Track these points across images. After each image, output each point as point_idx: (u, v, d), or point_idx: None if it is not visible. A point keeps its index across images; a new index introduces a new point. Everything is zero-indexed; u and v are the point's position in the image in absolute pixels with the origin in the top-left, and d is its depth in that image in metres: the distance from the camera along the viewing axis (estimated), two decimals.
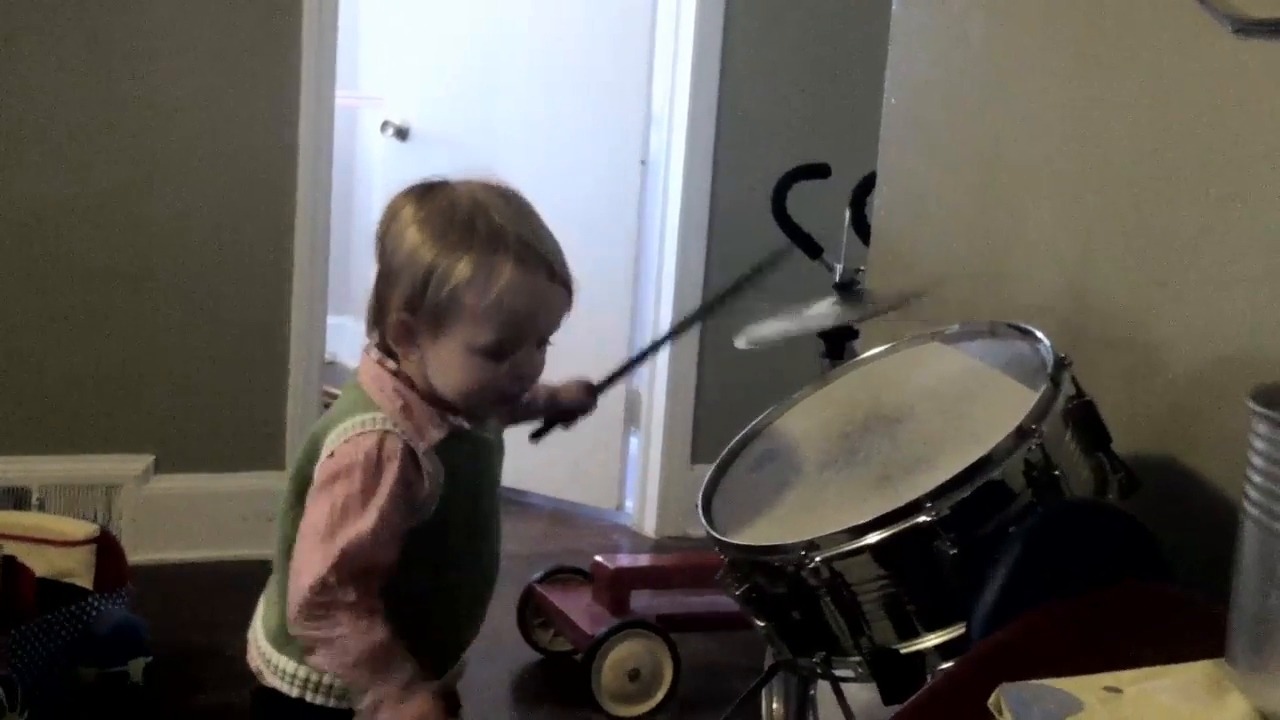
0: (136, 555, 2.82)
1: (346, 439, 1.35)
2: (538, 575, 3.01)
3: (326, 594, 1.32)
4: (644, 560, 3.40)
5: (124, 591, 2.68)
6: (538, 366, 1.42)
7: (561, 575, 3.03)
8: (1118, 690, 0.94)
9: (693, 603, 2.96)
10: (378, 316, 1.41)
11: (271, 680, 1.44)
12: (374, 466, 1.33)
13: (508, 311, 1.35)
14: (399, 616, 1.38)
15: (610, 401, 4.01)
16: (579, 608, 2.86)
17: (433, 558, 1.42)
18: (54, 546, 2.59)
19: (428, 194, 1.39)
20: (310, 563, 1.33)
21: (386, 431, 1.35)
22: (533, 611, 2.97)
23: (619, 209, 4.08)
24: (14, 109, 3.26)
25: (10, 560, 2.42)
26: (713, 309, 1.64)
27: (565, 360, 1.62)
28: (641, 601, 2.90)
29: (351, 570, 1.32)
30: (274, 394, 3.58)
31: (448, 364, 1.37)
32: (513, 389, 1.42)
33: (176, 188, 3.42)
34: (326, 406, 3.64)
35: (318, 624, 1.34)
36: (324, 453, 1.37)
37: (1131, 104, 1.94)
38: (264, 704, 1.48)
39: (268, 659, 1.44)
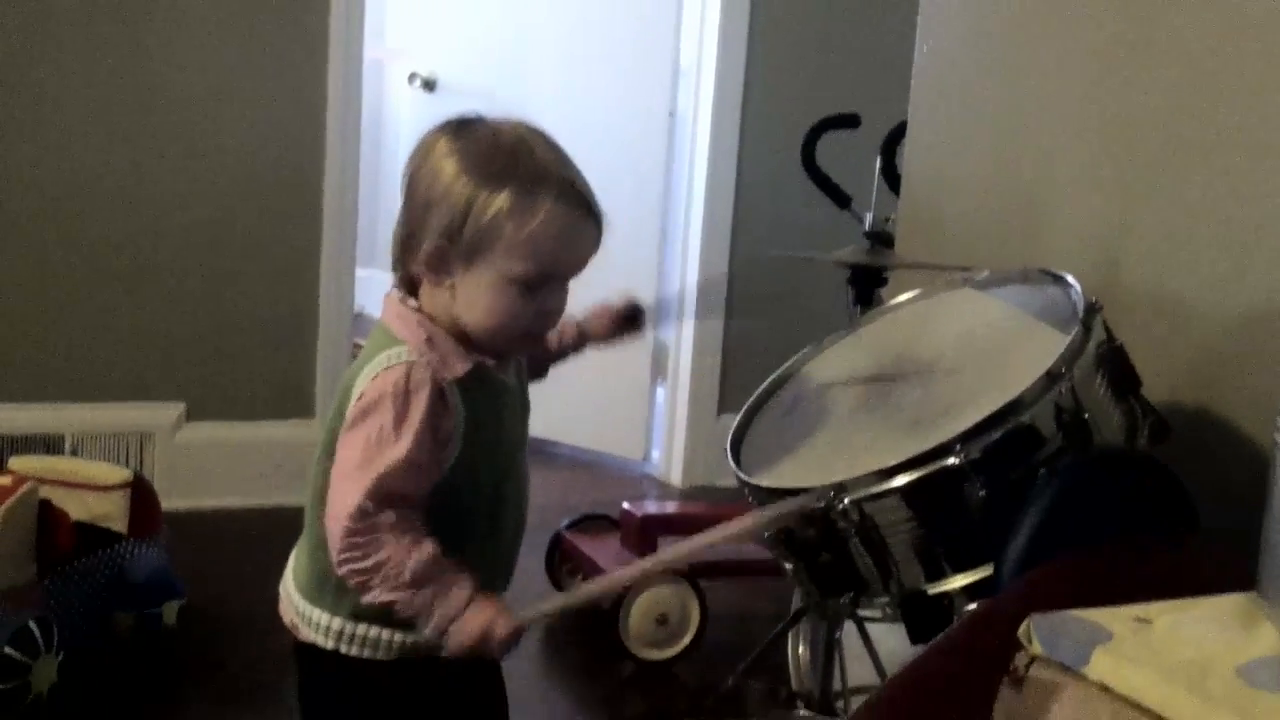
0: (168, 502, 2.84)
1: (374, 376, 1.36)
2: (566, 523, 3.04)
3: (366, 520, 1.32)
4: (671, 507, 3.42)
5: (158, 536, 2.71)
6: (562, 304, 1.43)
7: (590, 523, 3.05)
8: (1147, 621, 0.95)
9: (720, 550, 2.97)
10: (405, 251, 1.42)
11: (306, 633, 1.44)
12: (403, 396, 1.34)
13: (545, 244, 1.36)
14: None
15: (637, 353, 4.08)
16: (607, 554, 2.88)
17: (460, 505, 1.42)
18: (89, 491, 2.62)
19: (464, 128, 1.40)
20: (345, 494, 1.33)
21: (412, 363, 1.36)
22: (561, 558, 3.00)
23: (646, 161, 4.08)
24: (48, 69, 3.27)
25: (46, 504, 2.45)
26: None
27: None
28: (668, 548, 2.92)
29: (388, 495, 1.33)
30: (304, 344, 3.60)
31: (479, 294, 1.38)
32: (537, 325, 1.43)
33: (206, 141, 3.43)
34: (355, 358, 3.70)
35: (363, 553, 1.33)
36: (354, 397, 1.38)
37: (1166, 54, 1.92)
38: (303, 659, 1.47)
39: (302, 613, 1.44)
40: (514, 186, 1.35)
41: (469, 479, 1.41)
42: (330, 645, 1.42)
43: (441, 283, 1.39)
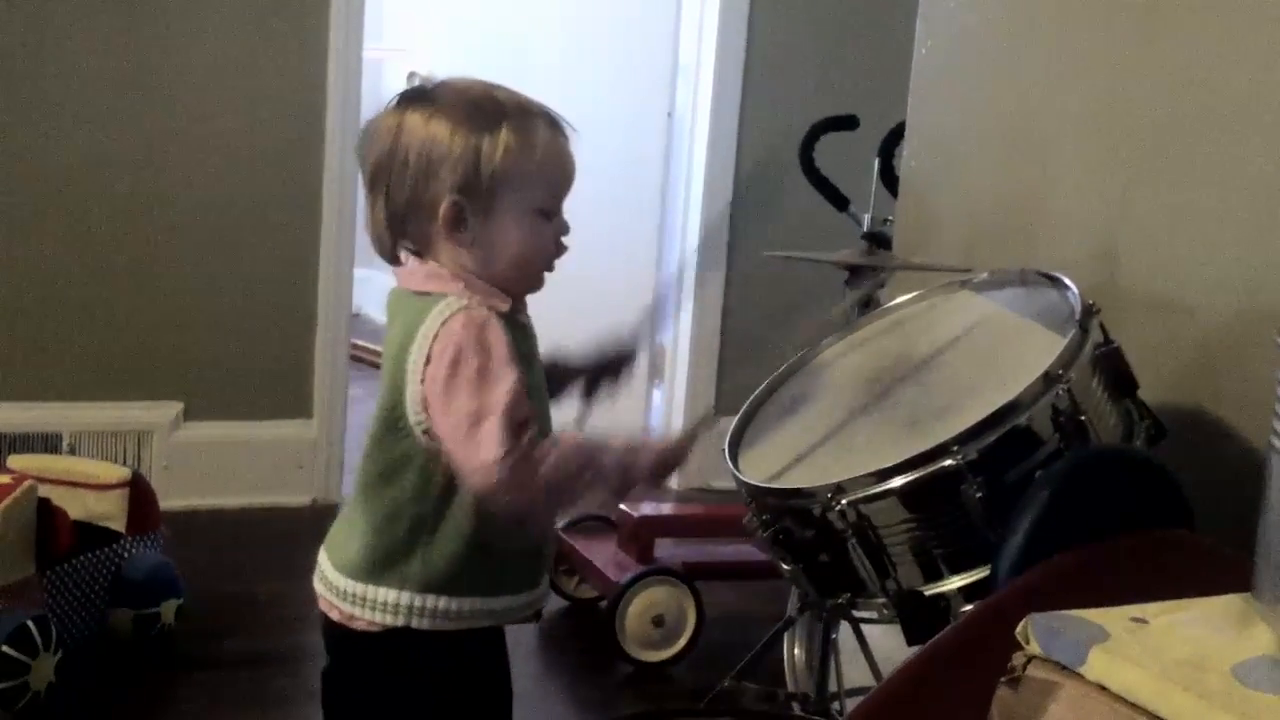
0: (166, 501, 2.84)
1: (434, 335, 1.37)
2: (563, 524, 3.04)
3: (513, 454, 1.32)
4: (668, 509, 3.42)
5: (156, 534, 2.71)
6: (567, 227, 1.48)
7: (587, 524, 3.06)
8: (1144, 621, 0.96)
9: (716, 552, 2.98)
10: (399, 229, 1.43)
11: (367, 617, 1.43)
12: (475, 336, 1.36)
13: (552, 168, 1.43)
14: (493, 521, 1.40)
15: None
16: (604, 556, 2.89)
17: None
18: (88, 490, 2.62)
19: (423, 96, 1.43)
20: (478, 447, 1.33)
21: (465, 305, 1.38)
22: (558, 559, 3.00)
23: (645, 162, 4.09)
24: (51, 68, 3.27)
25: (45, 503, 2.45)
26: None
27: (590, 310, 1.64)
28: (665, 550, 2.93)
29: (518, 424, 1.34)
30: (302, 344, 3.60)
31: (506, 233, 1.41)
32: (559, 249, 1.47)
33: (206, 140, 3.43)
34: (353, 358, 3.71)
35: (528, 482, 1.34)
36: (415, 367, 1.37)
37: (1165, 54, 1.93)
38: (357, 646, 1.46)
39: (361, 597, 1.43)
40: (509, 124, 1.40)
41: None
42: (400, 621, 1.42)
43: (461, 239, 1.41)
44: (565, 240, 1.47)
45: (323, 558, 1.50)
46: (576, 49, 4.17)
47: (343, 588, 1.45)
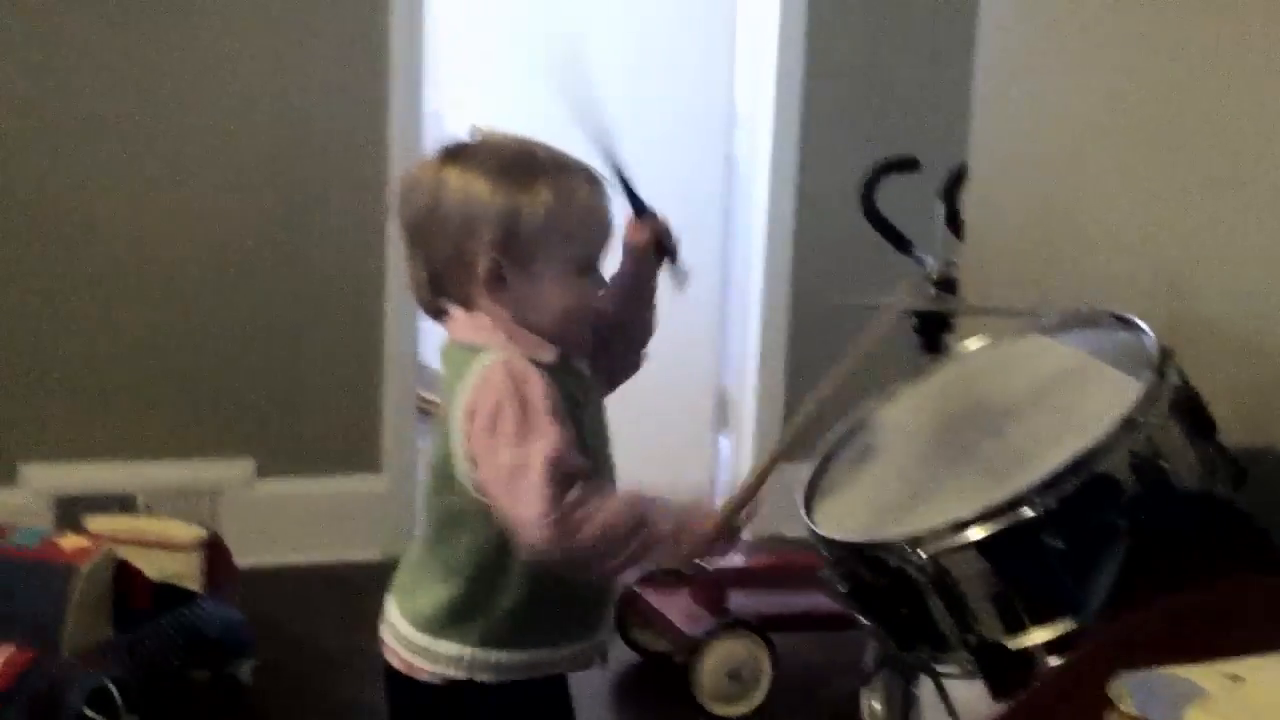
0: (239, 559, 2.87)
1: (475, 389, 1.38)
2: (635, 576, 3.03)
3: (555, 510, 1.33)
4: (741, 560, 3.40)
5: (233, 593, 2.73)
6: (605, 282, 1.49)
7: (659, 576, 3.04)
8: (1240, 678, 0.94)
9: (790, 602, 2.96)
10: (439, 285, 1.45)
11: (429, 668, 1.44)
12: (514, 389, 1.36)
13: (590, 225, 1.44)
14: (552, 575, 1.41)
15: (699, 402, 4.06)
16: (677, 608, 2.87)
17: None
18: (164, 550, 2.65)
19: (459, 154, 1.44)
20: (524, 501, 1.33)
21: (505, 358, 1.38)
22: (631, 612, 2.99)
23: (704, 209, 4.08)
24: (98, 106, 3.33)
25: (124, 564, 2.49)
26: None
27: (653, 357, 1.63)
28: (738, 602, 2.90)
29: (565, 476, 1.34)
30: (369, 398, 3.63)
31: (546, 290, 1.42)
32: (599, 303, 1.48)
33: (270, 194, 3.48)
34: (421, 410, 3.73)
35: (576, 534, 1.34)
36: (459, 422, 1.38)
37: (1232, 90, 1.91)
38: (427, 698, 1.47)
39: (425, 649, 1.44)
40: (547, 182, 1.41)
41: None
42: (463, 675, 1.43)
43: (500, 297, 1.41)
44: (604, 287, 1.49)
45: (389, 604, 1.51)
46: (634, 97, 4.18)
47: (407, 636, 1.46)
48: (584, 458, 1.39)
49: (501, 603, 1.41)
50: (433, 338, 3.94)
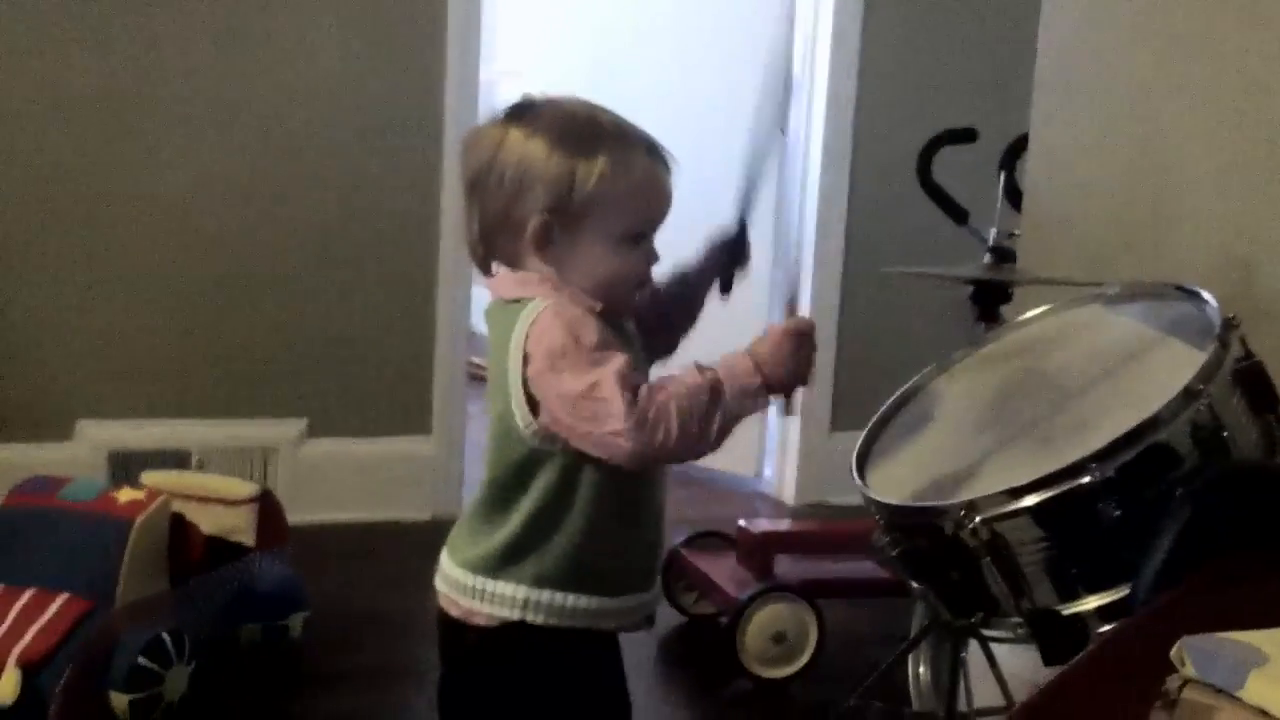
0: (291, 516, 2.90)
1: (528, 335, 1.38)
2: (681, 539, 3.04)
3: (634, 414, 1.33)
4: (787, 525, 3.41)
5: (284, 549, 2.77)
6: (657, 255, 1.49)
7: (705, 540, 3.06)
8: None
9: (835, 569, 2.96)
10: (491, 242, 1.46)
11: (486, 611, 1.45)
12: (568, 328, 1.37)
13: (644, 197, 1.44)
14: (608, 523, 1.43)
15: None
16: (723, 572, 2.88)
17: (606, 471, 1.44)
18: (219, 505, 2.68)
19: (527, 113, 1.45)
20: (604, 421, 1.34)
21: (554, 304, 1.40)
22: (677, 575, 3.00)
23: None
24: (167, 90, 3.37)
25: (179, 518, 2.52)
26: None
27: (703, 335, 1.64)
28: (783, 567, 2.91)
29: (634, 383, 1.35)
30: (421, 362, 3.66)
31: (591, 255, 1.43)
32: (645, 275, 1.48)
33: (325, 163, 3.51)
34: (471, 376, 3.75)
35: (661, 426, 1.34)
36: (515, 370, 1.39)
37: None
38: (480, 645, 1.48)
39: (482, 591, 1.45)
40: (606, 150, 1.41)
41: None
42: (516, 615, 1.44)
43: (547, 256, 1.43)
44: (655, 270, 1.48)
45: (444, 557, 1.53)
46: (687, 66, 4.17)
47: (463, 582, 1.48)
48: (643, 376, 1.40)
49: (557, 546, 1.43)
50: (483, 304, 3.98)
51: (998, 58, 3.72)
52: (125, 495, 2.49)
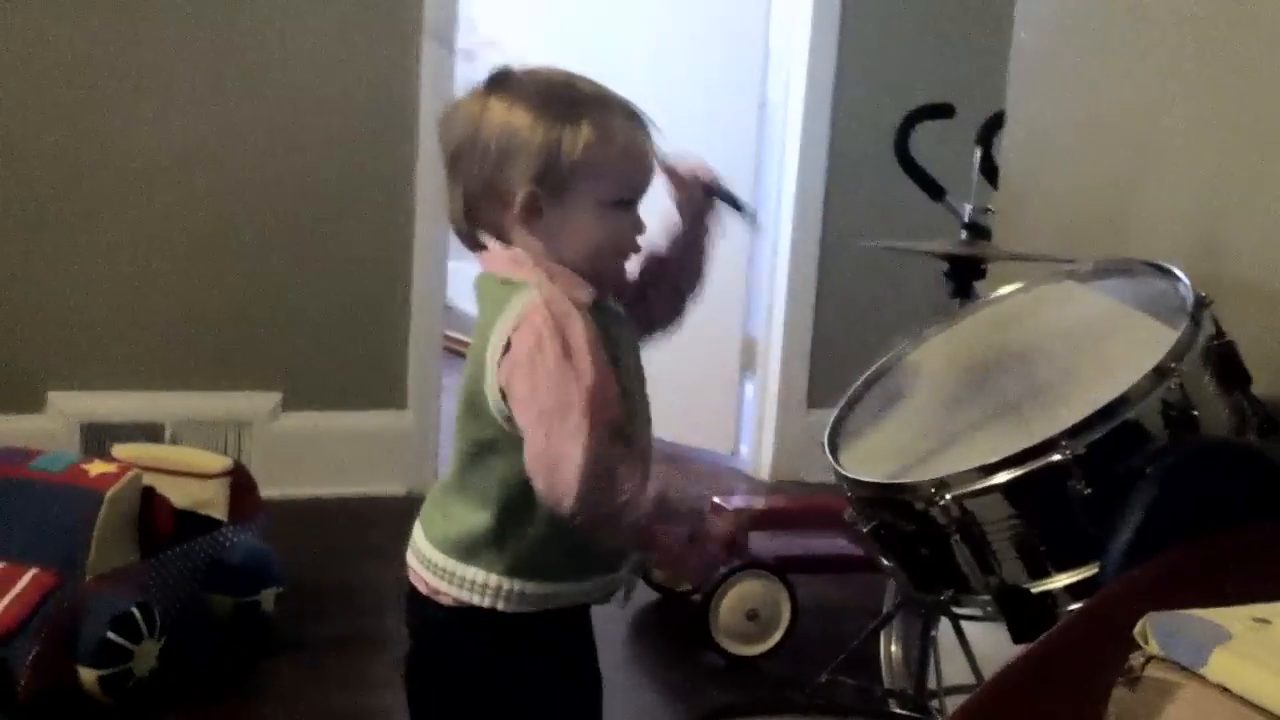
0: (264, 490, 2.88)
1: (515, 327, 1.37)
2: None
3: (600, 464, 1.32)
4: (761, 502, 3.41)
5: (257, 523, 2.75)
6: (644, 224, 1.48)
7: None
8: (1267, 621, 0.93)
9: (810, 545, 2.97)
10: (475, 214, 1.44)
11: (454, 594, 1.44)
12: (556, 329, 1.35)
13: (629, 162, 1.43)
14: None
15: (725, 346, 4.06)
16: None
17: None
18: (190, 478, 2.67)
19: (505, 82, 1.43)
20: (561, 445, 1.32)
21: (547, 298, 1.38)
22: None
23: (737, 153, 4.05)
24: (140, 57, 3.34)
25: (149, 490, 2.50)
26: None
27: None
28: (758, 544, 2.91)
29: (606, 425, 1.34)
30: (396, 336, 3.64)
31: (579, 224, 1.41)
32: (634, 243, 1.47)
33: (299, 132, 3.47)
34: (447, 350, 3.74)
35: (607, 495, 1.33)
36: (494, 353, 1.38)
37: (1271, 37, 1.88)
38: (447, 622, 1.47)
39: (451, 573, 1.44)
40: (589, 117, 1.40)
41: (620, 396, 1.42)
42: (486, 603, 1.43)
43: (535, 227, 1.41)
44: (640, 239, 1.46)
45: (417, 529, 1.51)
46: (667, 38, 4.15)
47: (434, 560, 1.46)
48: (622, 402, 1.39)
49: (530, 533, 1.42)
50: (459, 278, 3.96)
51: (977, 33, 3.71)
52: (96, 468, 2.47)
